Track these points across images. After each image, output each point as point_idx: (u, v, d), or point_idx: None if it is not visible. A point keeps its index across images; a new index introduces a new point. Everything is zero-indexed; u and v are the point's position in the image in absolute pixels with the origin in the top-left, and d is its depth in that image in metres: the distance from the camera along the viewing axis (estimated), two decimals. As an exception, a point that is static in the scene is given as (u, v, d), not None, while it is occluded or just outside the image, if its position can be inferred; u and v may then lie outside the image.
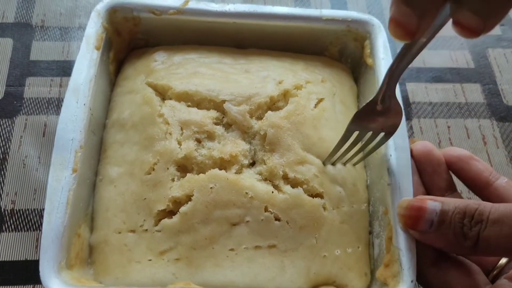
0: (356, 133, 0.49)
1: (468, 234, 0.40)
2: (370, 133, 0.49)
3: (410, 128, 0.69)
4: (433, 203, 0.43)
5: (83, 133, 0.50)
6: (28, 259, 0.56)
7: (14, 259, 0.56)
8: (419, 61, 0.75)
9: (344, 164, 0.54)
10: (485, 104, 0.72)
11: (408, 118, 0.69)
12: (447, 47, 0.76)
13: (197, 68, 0.57)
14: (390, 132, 0.48)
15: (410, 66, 0.73)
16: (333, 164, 0.54)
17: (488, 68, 0.75)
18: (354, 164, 0.55)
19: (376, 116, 0.47)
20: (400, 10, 0.36)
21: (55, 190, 0.46)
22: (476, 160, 0.49)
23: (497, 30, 0.79)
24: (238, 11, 0.59)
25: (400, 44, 0.40)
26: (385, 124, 0.48)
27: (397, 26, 0.36)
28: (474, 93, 0.73)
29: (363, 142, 0.51)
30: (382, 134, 0.48)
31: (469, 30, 0.36)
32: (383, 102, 0.46)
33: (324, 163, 0.53)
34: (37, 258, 0.55)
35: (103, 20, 0.57)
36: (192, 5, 0.59)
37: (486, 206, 0.40)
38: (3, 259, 0.56)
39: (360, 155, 0.53)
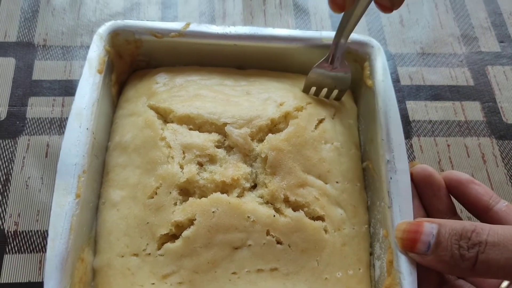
0: (314, 89, 0.60)
1: (465, 256, 0.40)
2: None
3: (411, 147, 0.69)
4: (430, 225, 0.43)
5: (86, 157, 0.50)
6: (32, 281, 0.57)
7: (18, 281, 0.57)
8: (418, 79, 0.75)
9: None
10: (485, 122, 0.72)
11: (408, 137, 0.70)
12: (446, 65, 0.77)
13: (198, 91, 0.58)
14: (342, 89, 0.60)
15: (409, 83, 0.74)
16: None
17: (488, 86, 0.75)
18: None
19: (328, 75, 0.58)
20: None
21: (58, 216, 0.46)
22: (477, 184, 0.50)
23: (496, 47, 0.79)
24: (239, 33, 0.59)
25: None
26: (337, 82, 0.59)
27: (329, 2, 0.48)
28: (473, 111, 0.73)
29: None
30: (337, 91, 0.60)
31: (382, 8, 0.49)
32: (333, 64, 0.57)
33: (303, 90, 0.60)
34: (40, 280, 0.56)
35: (106, 43, 0.57)
36: (193, 27, 0.59)
37: (484, 227, 0.41)
38: (7, 281, 0.56)
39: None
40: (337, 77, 0.58)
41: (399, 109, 0.55)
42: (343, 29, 0.53)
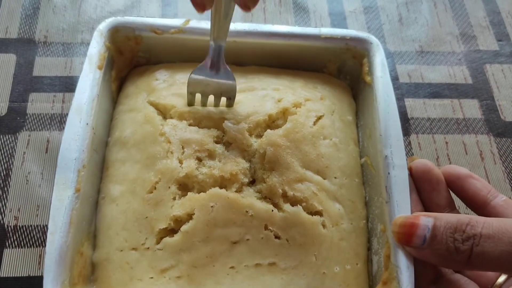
0: (199, 96, 0.56)
1: (460, 249, 0.41)
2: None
3: (409, 144, 0.70)
4: (426, 219, 0.43)
5: (85, 152, 0.50)
6: (31, 275, 0.57)
7: (18, 275, 0.57)
8: (417, 77, 0.75)
9: None
10: (483, 120, 0.72)
11: (407, 134, 0.70)
12: (445, 63, 0.77)
13: (198, 87, 0.58)
14: (229, 96, 0.55)
15: (408, 81, 0.75)
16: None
17: (486, 84, 0.76)
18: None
19: (210, 81, 0.54)
20: None
21: (58, 210, 0.46)
22: (475, 179, 0.50)
23: (494, 46, 0.79)
24: (238, 30, 0.60)
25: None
26: (222, 88, 0.55)
27: (192, 3, 0.46)
28: (471, 109, 0.73)
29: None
30: (224, 99, 0.56)
31: (240, 6, 0.46)
32: (213, 68, 0.54)
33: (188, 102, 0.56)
34: (40, 274, 0.57)
35: (106, 40, 0.57)
36: (193, 24, 0.59)
37: (478, 220, 0.41)
38: (7, 275, 0.57)
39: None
40: (221, 84, 0.55)
41: (397, 106, 0.55)
42: (218, 31, 0.51)
